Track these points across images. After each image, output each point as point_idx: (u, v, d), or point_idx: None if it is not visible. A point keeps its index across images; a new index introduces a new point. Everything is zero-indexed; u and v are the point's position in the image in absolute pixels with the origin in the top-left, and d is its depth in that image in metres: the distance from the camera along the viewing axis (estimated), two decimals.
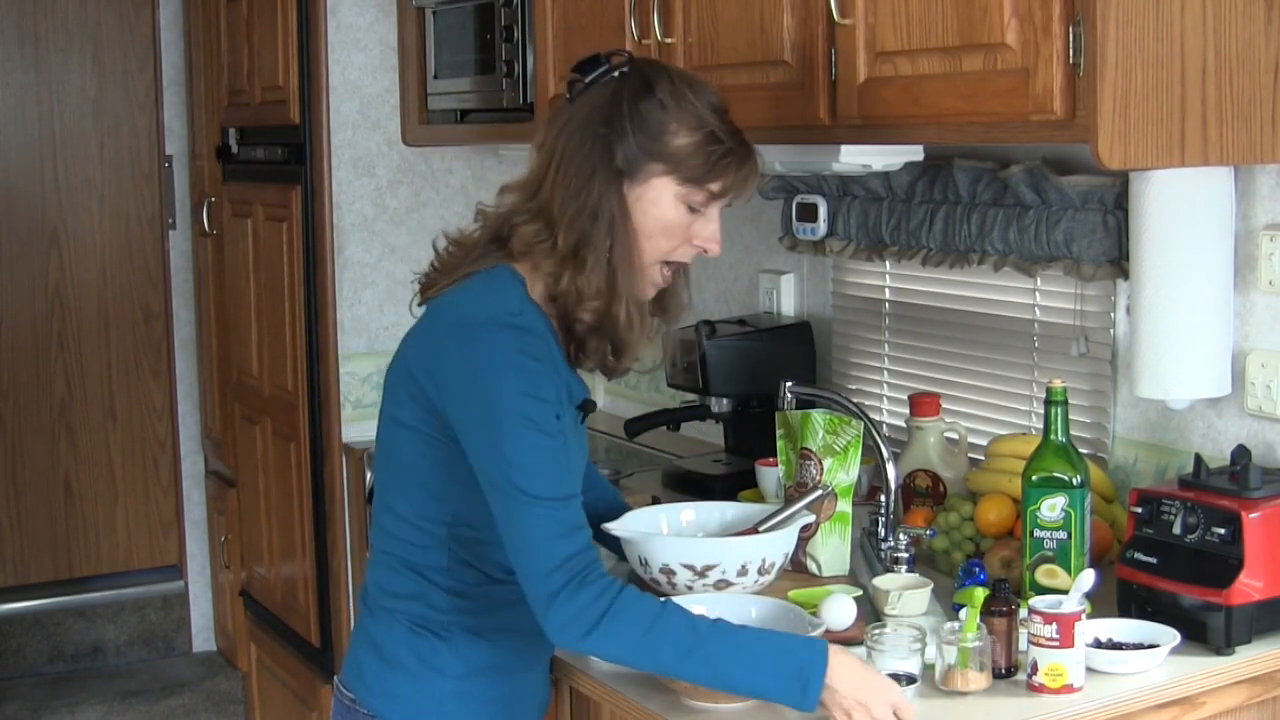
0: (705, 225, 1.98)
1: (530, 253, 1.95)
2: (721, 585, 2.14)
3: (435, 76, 3.55)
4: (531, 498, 1.84)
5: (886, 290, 3.05)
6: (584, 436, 2.08)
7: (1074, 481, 2.17)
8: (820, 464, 2.38)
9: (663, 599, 1.87)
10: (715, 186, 1.94)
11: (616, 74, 1.96)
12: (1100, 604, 2.13)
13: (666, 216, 1.94)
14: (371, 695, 2.03)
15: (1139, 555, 2.15)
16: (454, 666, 2.00)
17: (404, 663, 2.01)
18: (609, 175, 1.92)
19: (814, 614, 2.07)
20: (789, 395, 2.59)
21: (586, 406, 2.02)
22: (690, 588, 2.13)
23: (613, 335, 1.96)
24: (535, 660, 2.09)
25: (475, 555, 1.99)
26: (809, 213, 3.07)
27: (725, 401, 3.10)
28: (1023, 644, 1.99)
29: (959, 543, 2.48)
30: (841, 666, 1.84)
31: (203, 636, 5.05)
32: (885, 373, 3.08)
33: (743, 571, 2.14)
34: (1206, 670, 2.03)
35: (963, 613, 1.99)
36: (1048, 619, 1.93)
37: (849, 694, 1.84)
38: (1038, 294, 2.69)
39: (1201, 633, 2.07)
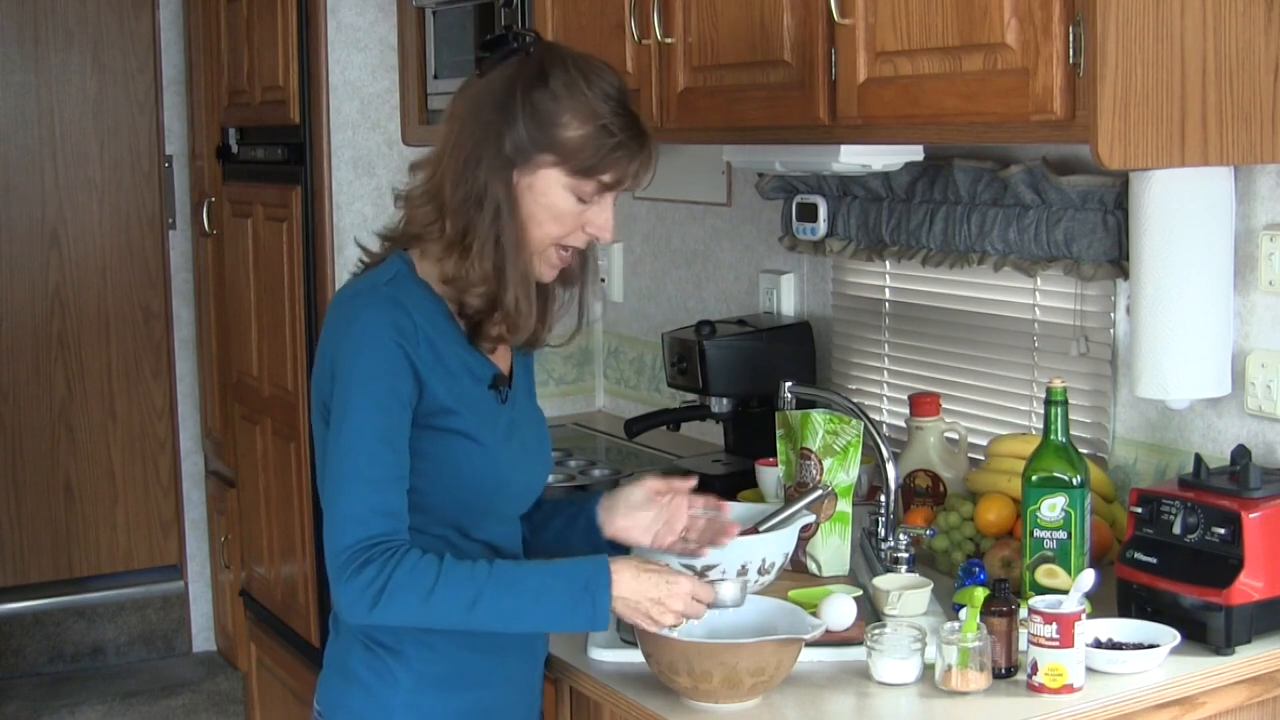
0: (598, 214, 1.94)
1: (422, 236, 1.94)
2: None
3: (435, 76, 3.54)
4: (345, 475, 1.84)
5: (886, 290, 3.05)
6: (511, 412, 2.01)
7: (1074, 481, 2.17)
8: (820, 464, 2.38)
9: (444, 555, 1.85)
10: (606, 178, 1.91)
11: (516, 57, 1.92)
12: (1100, 604, 2.13)
13: (555, 205, 1.91)
14: (331, 709, 2.02)
15: (1139, 555, 2.15)
16: (405, 678, 1.96)
17: (359, 675, 1.98)
18: (497, 163, 1.89)
19: (814, 614, 2.07)
20: (789, 395, 2.59)
21: (498, 382, 1.98)
22: None
23: (504, 318, 1.93)
24: (506, 678, 2.04)
25: None
26: (809, 213, 3.07)
27: (725, 401, 3.10)
28: (1023, 644, 1.99)
29: (959, 543, 2.48)
30: (625, 572, 1.85)
31: (203, 636, 5.05)
32: (885, 373, 3.08)
33: (742, 571, 2.14)
34: (1206, 670, 2.03)
35: (963, 613, 1.99)
36: (1048, 619, 1.93)
37: (642, 597, 1.85)
38: (1038, 294, 2.69)
39: (1201, 633, 2.07)
